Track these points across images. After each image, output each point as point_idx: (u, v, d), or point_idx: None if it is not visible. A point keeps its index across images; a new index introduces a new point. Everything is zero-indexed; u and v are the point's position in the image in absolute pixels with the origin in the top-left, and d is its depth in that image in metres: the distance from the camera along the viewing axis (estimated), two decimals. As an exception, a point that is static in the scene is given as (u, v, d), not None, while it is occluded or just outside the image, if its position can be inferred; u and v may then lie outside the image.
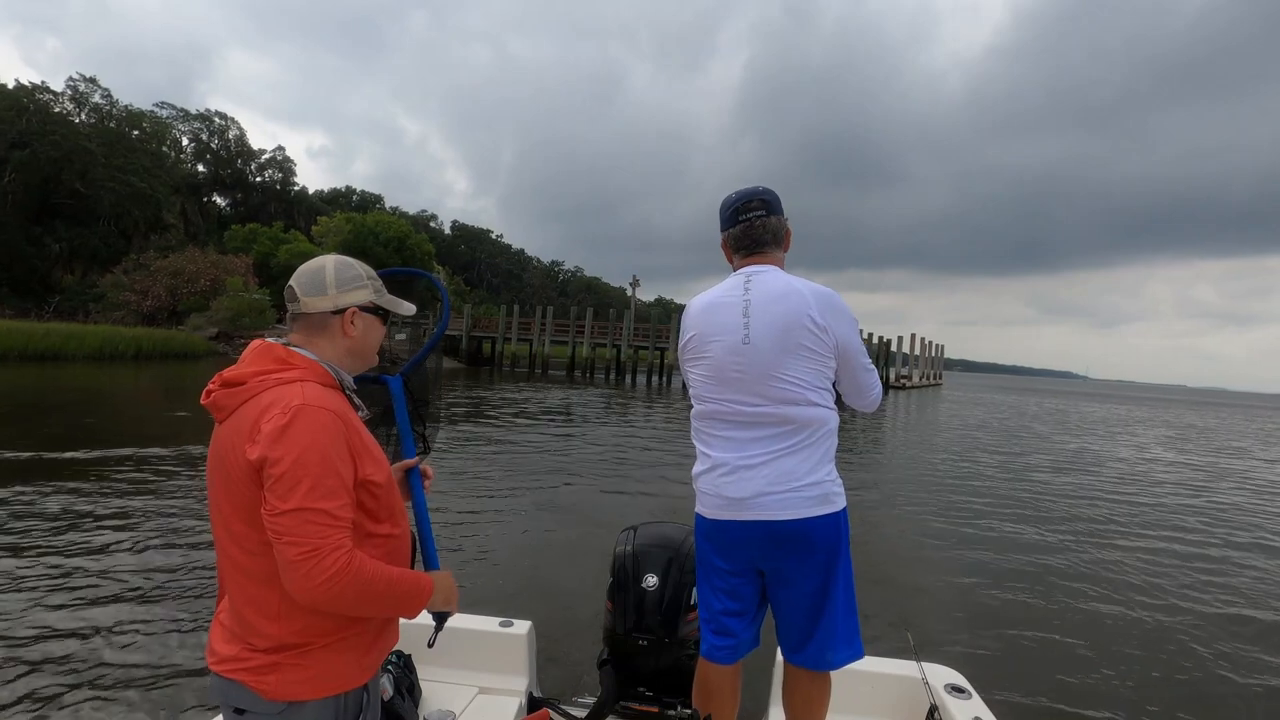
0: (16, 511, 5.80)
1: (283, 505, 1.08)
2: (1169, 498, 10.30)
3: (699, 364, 1.83)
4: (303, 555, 1.07)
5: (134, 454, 8.53)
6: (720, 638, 1.86)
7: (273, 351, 1.22)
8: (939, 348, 70.24)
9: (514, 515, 6.83)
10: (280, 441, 1.09)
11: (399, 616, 1.26)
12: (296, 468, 1.09)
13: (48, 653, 3.41)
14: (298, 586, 1.08)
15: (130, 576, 4.51)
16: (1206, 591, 5.68)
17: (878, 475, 11.14)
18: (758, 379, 1.74)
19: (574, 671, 3.19)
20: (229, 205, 63.81)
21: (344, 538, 1.11)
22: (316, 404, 1.14)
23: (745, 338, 1.75)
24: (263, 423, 1.11)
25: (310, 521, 1.08)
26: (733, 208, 1.89)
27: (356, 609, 1.15)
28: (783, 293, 1.77)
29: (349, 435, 1.17)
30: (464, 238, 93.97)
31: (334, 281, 1.26)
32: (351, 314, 1.28)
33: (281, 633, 1.15)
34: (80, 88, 48.55)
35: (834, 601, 1.79)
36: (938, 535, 7.07)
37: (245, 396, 1.16)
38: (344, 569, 1.09)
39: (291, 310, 1.27)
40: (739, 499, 1.75)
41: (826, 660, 1.82)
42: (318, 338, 1.27)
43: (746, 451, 1.75)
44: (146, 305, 37.12)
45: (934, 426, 22.03)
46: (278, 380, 1.17)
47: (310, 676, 1.17)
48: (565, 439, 12.96)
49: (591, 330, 41.30)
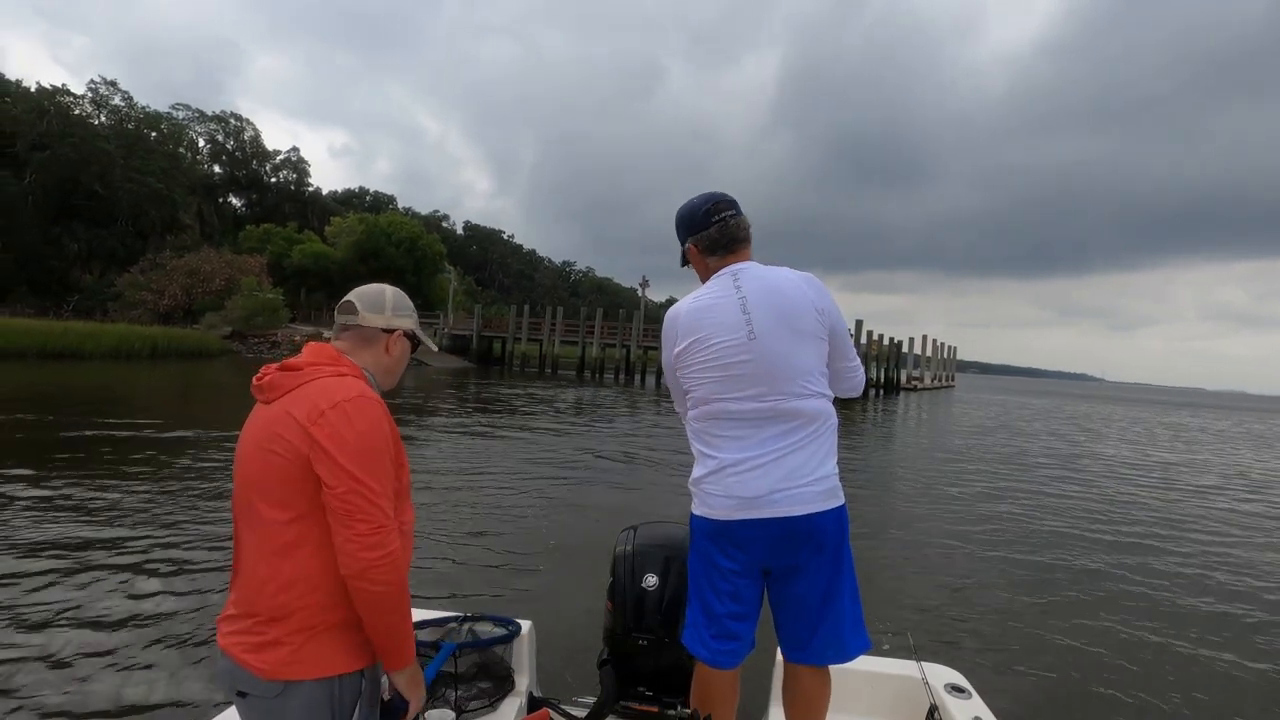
0: (32, 504, 5.90)
1: (352, 484, 1.18)
2: (1169, 497, 10.18)
3: (701, 366, 1.80)
4: (371, 529, 1.18)
5: (150, 444, 8.65)
6: (724, 642, 1.83)
7: (326, 350, 1.36)
8: (951, 349, 69.73)
9: (514, 514, 6.85)
10: (347, 426, 1.21)
11: (388, 642, 1.27)
12: (363, 452, 1.21)
13: (66, 638, 3.48)
14: (358, 559, 1.18)
15: (146, 568, 4.58)
16: (1210, 592, 5.61)
17: (880, 475, 11.09)
18: (767, 373, 1.74)
19: (574, 671, 3.20)
20: (244, 206, 64.44)
21: (395, 521, 1.24)
22: (371, 396, 1.28)
23: (750, 333, 1.75)
24: (323, 405, 1.22)
25: (375, 503, 1.20)
26: (703, 210, 1.90)
27: (385, 598, 1.21)
28: (777, 283, 1.80)
29: (390, 425, 1.30)
30: (476, 238, 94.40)
31: (392, 305, 1.43)
32: (398, 336, 1.44)
33: (287, 600, 1.21)
34: (101, 90, 49.23)
35: (842, 596, 1.80)
36: (938, 535, 7.02)
37: (301, 381, 1.28)
38: (398, 552, 1.22)
39: (345, 321, 1.40)
40: (751, 497, 1.74)
41: (835, 655, 1.81)
42: (363, 349, 1.40)
43: (758, 450, 1.74)
44: (163, 304, 37.57)
45: (941, 427, 21.85)
46: (332, 372, 1.30)
47: (306, 656, 1.21)
48: (568, 437, 12.99)
49: (601, 330, 41.36)
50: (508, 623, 2.28)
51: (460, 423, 14.26)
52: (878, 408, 29.42)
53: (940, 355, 62.93)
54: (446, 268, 56.92)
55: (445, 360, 39.55)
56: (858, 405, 29.46)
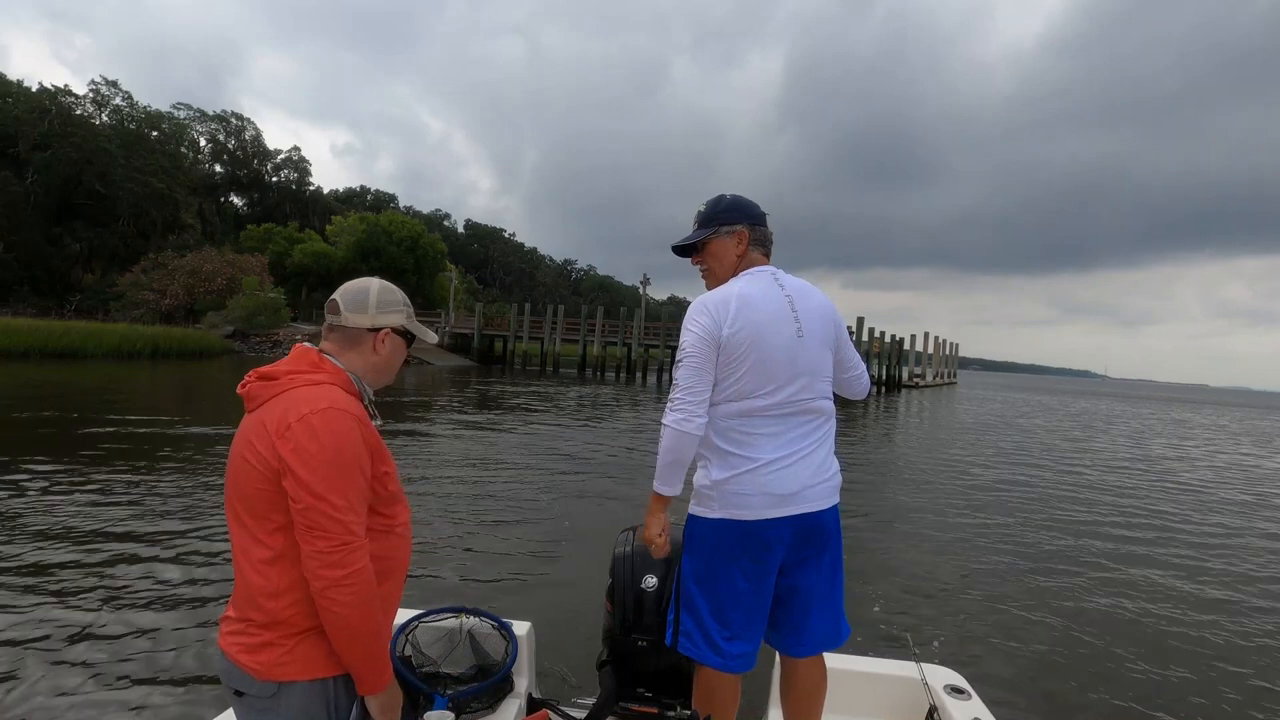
0: (40, 501, 5.91)
1: (312, 500, 1.16)
2: (1168, 496, 10.16)
3: (746, 357, 1.75)
4: (331, 548, 1.16)
5: (162, 440, 8.66)
6: (741, 645, 1.81)
7: (308, 355, 1.32)
8: (953, 346, 69.67)
9: (514, 514, 6.84)
10: (313, 441, 1.18)
11: (355, 665, 1.23)
12: (326, 466, 1.17)
13: (77, 634, 3.48)
14: (319, 577, 1.16)
15: (155, 566, 4.58)
16: (1212, 592, 5.59)
17: (880, 474, 11.07)
18: (807, 371, 1.81)
19: (573, 672, 3.20)
20: (245, 205, 64.58)
21: (364, 537, 1.21)
22: (341, 407, 1.23)
23: (799, 331, 1.81)
24: (290, 419, 1.19)
25: (337, 518, 1.17)
26: (759, 208, 1.98)
27: (349, 618, 1.19)
28: (808, 289, 1.91)
29: (366, 435, 1.26)
30: (477, 236, 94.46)
31: (376, 303, 1.37)
32: (385, 334, 1.38)
33: (278, 608, 1.21)
34: (102, 90, 49.30)
35: (839, 585, 1.92)
36: (938, 535, 7.00)
37: (276, 391, 1.25)
38: (364, 571, 1.18)
39: (331, 321, 1.37)
40: (785, 494, 1.76)
41: (832, 641, 1.91)
42: (349, 350, 1.37)
43: (791, 447, 1.79)
44: (164, 304, 37.66)
45: (942, 424, 21.84)
46: (307, 381, 1.26)
47: (300, 657, 1.22)
48: (569, 437, 12.98)
49: (602, 329, 41.36)
50: (506, 624, 2.28)
51: (460, 421, 14.27)
52: (879, 405, 29.39)
53: (942, 352, 62.88)
54: (448, 267, 56.95)
55: (446, 359, 39.59)
56: (859, 403, 29.44)
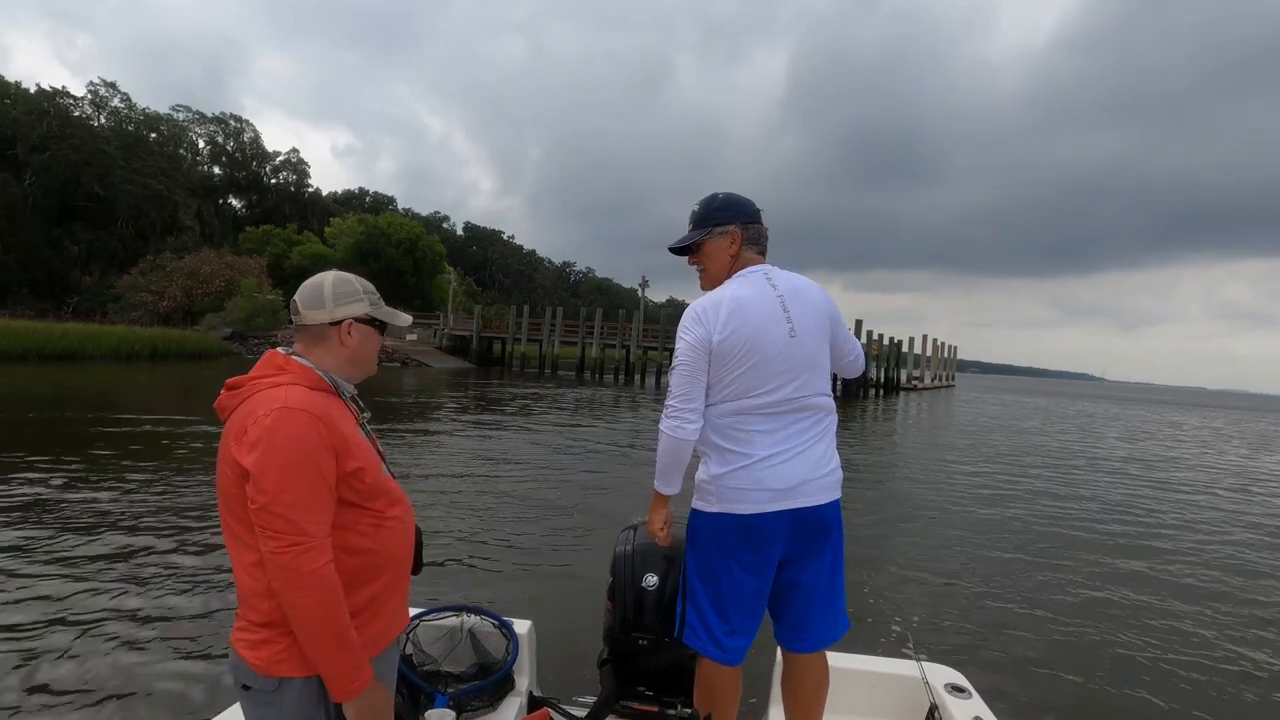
0: (44, 503, 5.90)
1: (264, 500, 1.17)
2: (1167, 495, 10.17)
3: (740, 360, 1.80)
4: (282, 548, 1.16)
5: (148, 446, 8.66)
6: (737, 639, 1.86)
7: (274, 359, 1.33)
8: (952, 349, 69.72)
9: (514, 513, 6.84)
10: (263, 441, 1.19)
11: (319, 667, 1.22)
12: (278, 468, 1.18)
13: (87, 630, 3.48)
14: (274, 577, 1.18)
15: (161, 568, 4.58)
16: (1213, 591, 5.60)
17: (881, 474, 11.08)
18: (802, 369, 1.83)
19: (574, 671, 3.20)
20: (244, 207, 64.50)
21: (323, 538, 1.20)
22: (297, 406, 1.23)
23: (791, 330, 1.83)
24: (248, 424, 1.21)
25: (285, 517, 1.17)
26: (753, 206, 1.98)
27: (304, 620, 1.19)
28: (803, 286, 1.91)
29: (329, 434, 1.25)
30: (476, 238, 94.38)
31: (331, 295, 1.36)
32: (348, 326, 1.37)
33: (270, 608, 1.23)
34: (100, 92, 49.28)
35: (839, 580, 1.93)
36: (939, 535, 7.01)
37: (241, 399, 1.28)
38: (319, 571, 1.18)
39: (295, 321, 1.38)
40: (783, 488, 1.79)
41: (832, 635, 1.92)
42: (316, 347, 1.37)
43: (789, 443, 1.82)
44: (163, 306, 37.60)
45: (941, 426, 21.86)
46: (269, 384, 1.27)
47: (297, 654, 1.24)
48: (569, 437, 12.98)
49: (601, 331, 41.35)
50: (507, 623, 2.28)
51: (459, 423, 14.26)
52: (878, 407, 29.41)
53: (940, 355, 62.91)
54: (446, 269, 56.93)
55: (444, 361, 39.56)
56: (859, 405, 29.47)
